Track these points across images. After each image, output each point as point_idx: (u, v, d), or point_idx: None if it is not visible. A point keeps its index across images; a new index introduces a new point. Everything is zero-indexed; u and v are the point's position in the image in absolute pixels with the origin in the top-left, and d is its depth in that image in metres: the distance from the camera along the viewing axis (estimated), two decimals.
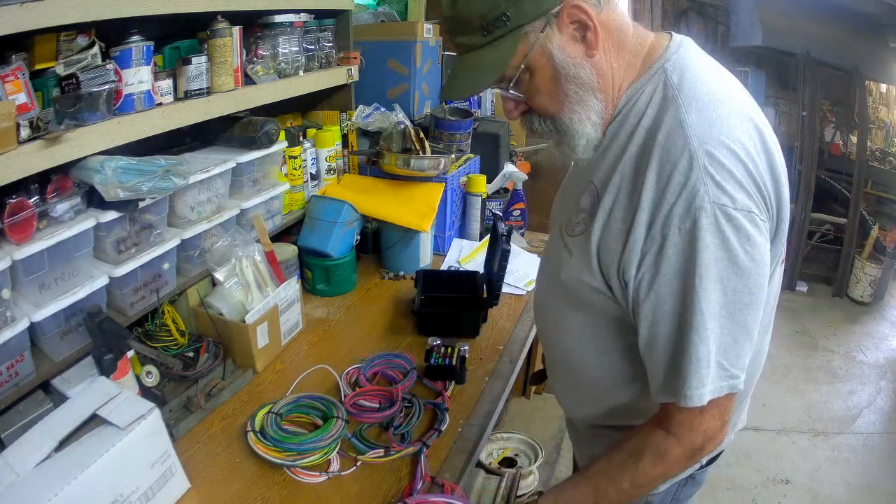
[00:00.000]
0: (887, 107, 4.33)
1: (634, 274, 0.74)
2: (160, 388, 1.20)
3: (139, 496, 0.91)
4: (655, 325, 0.75)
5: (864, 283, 3.83)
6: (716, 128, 0.70)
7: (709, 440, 0.77)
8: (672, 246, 0.70)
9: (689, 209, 0.68)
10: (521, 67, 0.76)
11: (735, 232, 0.68)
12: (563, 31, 0.74)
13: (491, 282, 1.53)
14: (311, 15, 1.66)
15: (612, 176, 0.77)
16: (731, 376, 0.73)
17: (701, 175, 0.67)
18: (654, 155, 0.71)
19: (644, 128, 0.75)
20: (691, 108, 0.71)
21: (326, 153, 1.84)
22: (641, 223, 0.71)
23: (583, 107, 0.78)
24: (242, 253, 1.40)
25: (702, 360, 0.71)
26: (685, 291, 0.70)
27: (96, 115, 1.05)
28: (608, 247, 0.77)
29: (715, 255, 0.68)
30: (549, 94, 0.78)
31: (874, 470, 2.47)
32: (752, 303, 0.71)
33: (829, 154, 4.19)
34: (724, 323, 0.71)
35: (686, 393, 0.72)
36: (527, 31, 0.74)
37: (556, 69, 0.76)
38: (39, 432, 0.89)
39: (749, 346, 0.73)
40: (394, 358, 1.34)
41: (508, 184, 2.22)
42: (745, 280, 0.70)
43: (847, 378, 3.10)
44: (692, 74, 0.75)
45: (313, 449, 1.05)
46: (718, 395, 0.73)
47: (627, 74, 0.79)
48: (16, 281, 1.02)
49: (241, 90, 1.42)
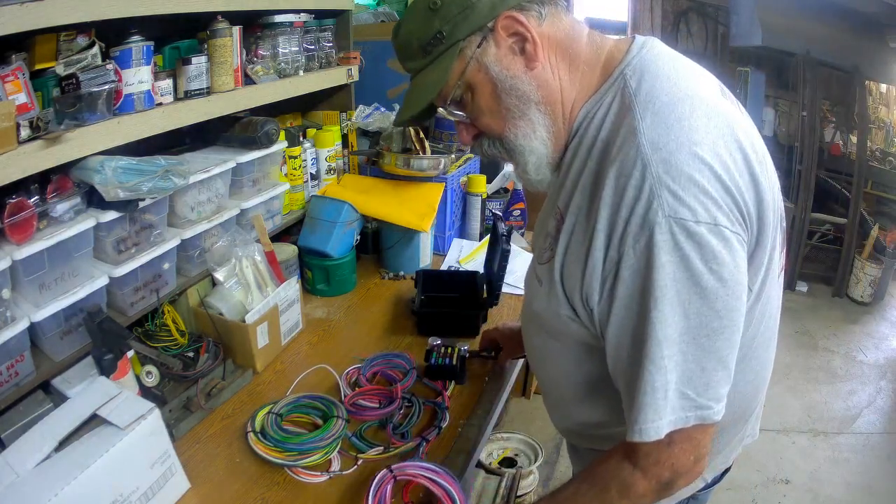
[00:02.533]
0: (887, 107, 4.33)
1: (598, 300, 0.70)
2: (160, 388, 1.20)
3: (139, 496, 0.91)
4: (617, 351, 0.70)
5: (864, 283, 3.83)
6: (674, 130, 0.64)
7: (678, 475, 0.70)
8: (627, 268, 0.65)
9: (644, 225, 0.62)
10: (459, 84, 0.75)
11: (697, 249, 0.61)
12: (501, 44, 0.72)
13: (491, 282, 1.53)
14: (311, 15, 1.66)
15: (573, 196, 0.73)
16: (699, 406, 0.66)
17: (654, 186, 0.62)
18: (609, 171, 0.66)
19: (602, 140, 0.70)
20: (646, 112, 0.66)
21: (326, 153, 1.84)
22: (599, 246, 0.67)
23: (525, 121, 0.75)
24: (242, 253, 1.40)
25: (658, 391, 0.65)
26: (640, 317, 0.65)
27: (96, 115, 1.05)
28: (570, 273, 0.72)
29: (672, 275, 0.62)
30: (491, 111, 0.76)
31: (874, 470, 2.47)
32: (722, 328, 0.65)
33: (829, 154, 4.19)
34: (687, 350, 0.64)
35: (641, 427, 0.66)
36: (462, 48, 0.73)
37: (494, 83, 0.74)
38: (39, 432, 0.89)
39: (723, 373, 0.67)
40: (393, 358, 1.34)
41: (508, 184, 2.22)
42: (711, 302, 0.63)
43: (847, 378, 3.10)
44: (652, 76, 0.69)
45: (314, 449, 1.05)
46: (683, 426, 0.67)
47: (584, 87, 0.75)
48: (16, 281, 1.02)
49: (241, 90, 1.42)
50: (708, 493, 0.97)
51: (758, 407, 0.97)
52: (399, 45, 0.79)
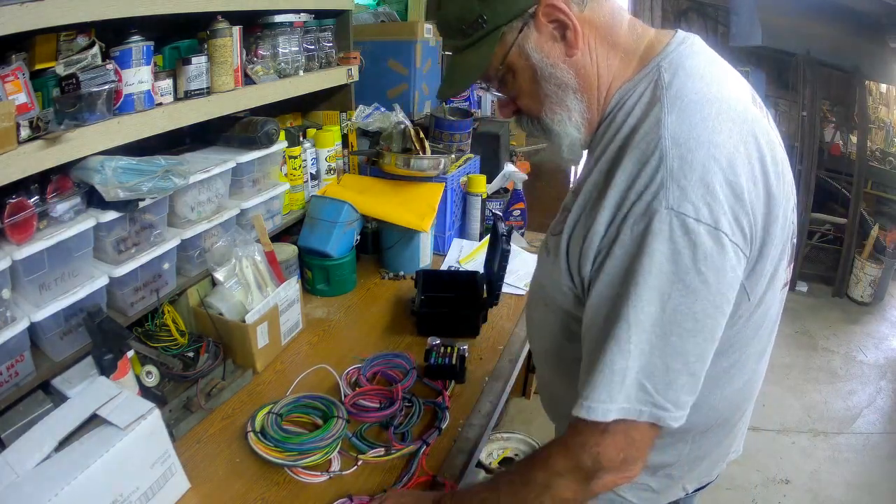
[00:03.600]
0: (887, 107, 4.33)
1: (588, 272, 0.70)
2: (160, 388, 1.20)
3: (139, 496, 0.91)
4: (587, 328, 0.70)
5: (864, 283, 3.83)
6: (696, 129, 0.64)
7: (601, 468, 0.68)
8: (620, 245, 0.65)
9: (646, 210, 0.63)
10: (501, 68, 0.76)
11: (690, 246, 0.62)
12: (542, 30, 0.73)
13: (491, 282, 1.53)
14: (311, 15, 1.66)
15: (590, 175, 0.74)
16: (657, 405, 0.65)
17: (665, 178, 0.62)
18: (627, 155, 0.67)
19: (628, 126, 0.71)
20: (674, 107, 0.67)
21: (326, 153, 1.84)
22: (603, 220, 0.68)
23: (562, 107, 0.77)
24: (242, 253, 1.40)
25: (616, 374, 0.65)
26: (618, 296, 0.65)
27: (96, 115, 1.05)
28: (574, 244, 0.73)
29: (659, 265, 0.62)
30: (530, 94, 0.78)
31: (874, 470, 2.47)
32: (695, 330, 0.64)
33: (829, 154, 4.19)
34: (656, 343, 0.64)
35: (591, 405, 0.65)
36: (504, 33, 0.73)
37: (534, 69, 0.75)
38: (39, 432, 0.89)
39: (688, 379, 0.66)
40: (393, 358, 1.34)
41: (508, 184, 2.22)
42: (691, 302, 0.63)
43: (847, 378, 3.10)
44: (686, 73, 0.70)
45: (314, 449, 1.05)
46: (634, 419, 0.65)
47: (620, 73, 0.75)
48: (16, 281, 1.02)
49: (241, 90, 1.42)
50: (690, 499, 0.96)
51: (743, 420, 0.96)
52: (439, 22, 0.80)
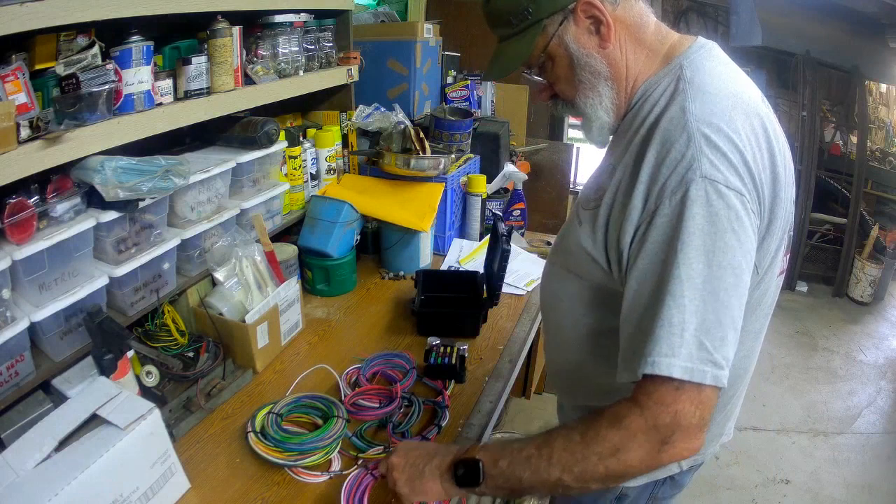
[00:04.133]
0: (887, 107, 4.33)
1: (628, 243, 0.75)
2: (160, 388, 1.20)
3: (139, 496, 0.91)
4: (636, 295, 0.73)
5: (864, 283, 3.83)
6: (716, 116, 0.73)
7: (678, 427, 0.68)
8: (661, 216, 0.71)
9: (682, 181, 0.70)
10: (542, 55, 0.86)
11: (725, 208, 0.69)
12: (580, 24, 0.82)
13: (491, 282, 1.53)
14: (311, 15, 1.66)
15: (623, 157, 0.81)
16: (715, 363, 0.68)
17: (696, 153, 0.70)
18: (655, 137, 0.75)
19: (653, 116, 0.78)
20: (696, 98, 0.75)
21: (326, 153, 1.84)
22: (639, 196, 0.74)
23: (595, 93, 0.85)
24: (242, 253, 1.40)
25: (675, 327, 0.68)
26: (667, 259, 0.70)
27: (96, 115, 1.05)
28: (613, 219, 0.79)
29: (701, 226, 0.69)
30: (567, 80, 0.87)
31: (874, 470, 2.47)
32: (737, 284, 0.70)
33: (829, 154, 4.19)
34: (708, 299, 0.68)
35: (654, 359, 0.68)
36: (546, 25, 0.83)
37: (571, 58, 0.84)
38: (39, 432, 0.89)
39: (733, 335, 0.70)
40: (393, 357, 1.35)
41: (508, 184, 2.22)
42: (731, 258, 0.69)
43: (847, 378, 3.10)
44: (705, 72, 0.78)
45: (314, 449, 1.05)
46: (699, 381, 0.67)
47: (645, 68, 0.84)
48: (16, 281, 1.02)
49: (241, 90, 1.42)
50: (685, 475, 1.00)
51: (737, 398, 0.99)
52: (488, 13, 0.89)
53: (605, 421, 0.72)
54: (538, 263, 1.89)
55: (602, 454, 0.71)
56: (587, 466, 0.71)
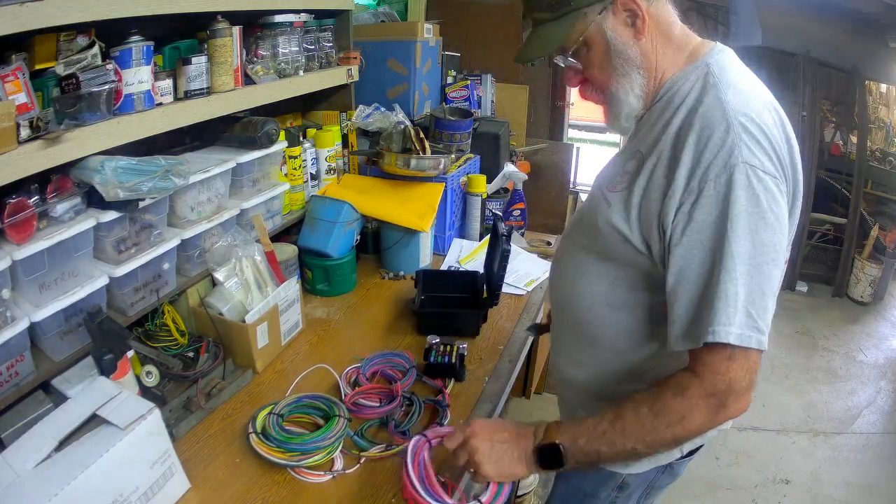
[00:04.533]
0: (887, 107, 4.33)
1: (671, 221, 0.80)
2: (160, 388, 1.20)
3: (139, 496, 0.91)
4: (685, 269, 0.80)
5: (864, 283, 3.83)
6: (749, 107, 0.80)
7: (731, 391, 0.77)
8: (707, 196, 0.77)
9: (726, 166, 0.76)
10: (579, 41, 0.90)
11: (764, 191, 0.76)
12: (617, 15, 0.88)
13: (491, 282, 1.53)
14: (311, 15, 1.66)
15: (656, 144, 0.86)
16: (759, 329, 0.76)
17: (736, 139, 0.77)
18: (694, 123, 0.81)
19: (686, 107, 0.85)
20: (729, 90, 0.82)
21: (326, 153, 1.84)
22: (681, 177, 0.79)
23: (627, 80, 0.90)
24: (242, 253, 1.40)
25: (730, 299, 0.75)
26: (717, 236, 0.77)
27: (96, 115, 1.05)
28: (649, 200, 0.84)
29: (746, 207, 0.75)
30: (601, 66, 0.92)
31: (874, 470, 2.47)
32: (776, 259, 0.77)
33: (829, 154, 4.19)
34: (752, 272, 0.75)
35: (715, 329, 0.75)
36: (586, 13, 0.88)
37: (608, 45, 0.89)
38: (39, 432, 0.89)
39: (772, 304, 0.78)
40: (393, 357, 1.35)
41: (508, 184, 2.22)
42: (771, 235, 0.76)
43: (847, 378, 3.10)
44: (730, 72, 0.86)
45: (316, 448, 1.05)
46: (746, 346, 0.75)
47: (671, 64, 0.90)
48: (16, 281, 1.02)
49: (241, 90, 1.42)
50: (682, 464, 1.04)
51: None
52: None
53: (669, 392, 0.80)
54: (538, 263, 1.89)
55: (670, 422, 0.80)
56: (657, 435, 0.81)
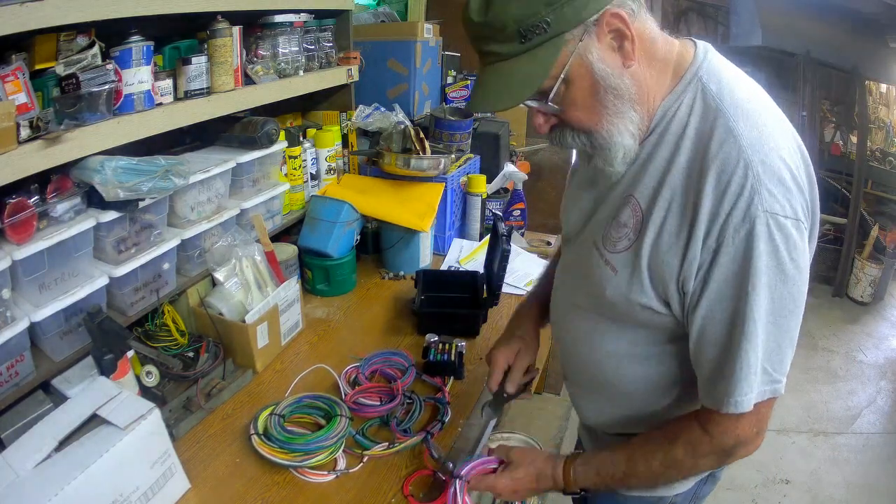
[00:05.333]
0: (887, 107, 4.33)
1: (692, 283, 0.74)
2: (160, 388, 1.20)
3: (139, 496, 0.91)
4: (705, 333, 0.75)
5: (864, 283, 3.83)
6: (764, 135, 0.70)
7: (740, 444, 0.78)
8: (726, 254, 0.70)
9: (745, 218, 0.68)
10: (559, 78, 0.72)
11: (784, 240, 0.69)
12: (602, 40, 0.71)
13: (491, 282, 1.53)
14: (311, 15, 1.66)
15: (660, 190, 0.75)
16: (775, 381, 0.74)
17: (755, 183, 0.68)
18: (710, 167, 0.70)
19: (689, 139, 0.74)
20: (738, 116, 0.71)
21: (326, 153, 1.84)
22: (700, 234, 0.71)
23: (620, 118, 0.75)
24: (242, 253, 1.40)
25: (751, 367, 0.72)
26: (737, 298, 0.71)
27: (96, 115, 1.05)
28: (663, 261, 0.75)
29: (766, 262, 0.69)
30: (587, 106, 0.75)
31: (874, 470, 2.47)
32: (795, 309, 0.72)
33: (829, 154, 4.20)
34: (770, 329, 0.71)
35: (737, 399, 0.73)
36: (567, 40, 0.70)
37: (596, 80, 0.72)
38: (39, 432, 0.89)
39: (791, 350, 0.74)
40: (392, 356, 1.35)
41: (508, 184, 2.22)
42: (790, 287, 0.70)
43: (847, 378, 3.10)
44: (727, 82, 0.75)
45: (319, 448, 1.05)
46: (761, 399, 0.74)
47: (660, 85, 0.77)
48: (16, 281, 1.02)
49: (241, 90, 1.42)
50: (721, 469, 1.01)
51: None
52: (487, 25, 0.71)
53: (680, 448, 0.81)
54: (538, 263, 1.89)
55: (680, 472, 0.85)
56: (667, 480, 0.88)
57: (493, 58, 0.73)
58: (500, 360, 1.06)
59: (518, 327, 1.12)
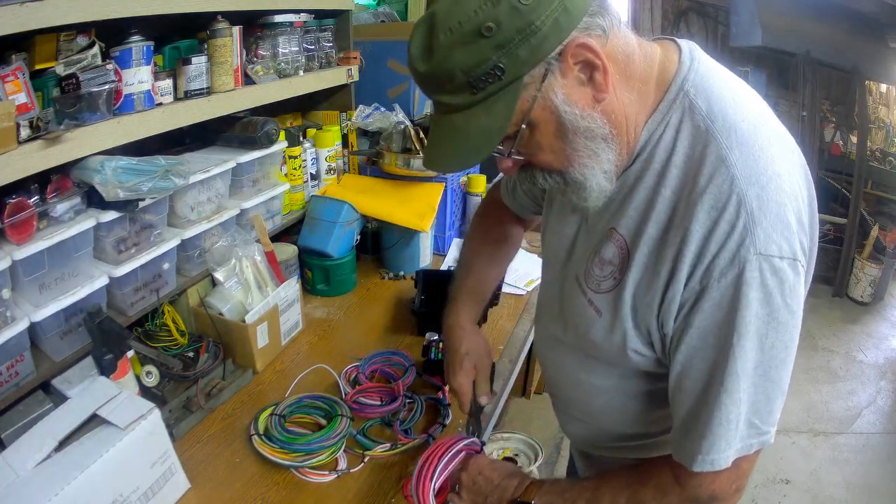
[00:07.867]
0: (887, 107, 4.33)
1: (672, 325, 0.68)
2: (160, 388, 1.20)
3: (139, 496, 0.91)
4: (682, 379, 0.69)
5: (864, 283, 3.83)
6: (760, 162, 0.63)
7: (715, 500, 0.71)
8: (709, 299, 0.63)
9: (733, 261, 0.61)
10: (521, 127, 0.65)
11: (779, 284, 0.62)
12: (567, 75, 0.62)
13: None
14: (311, 15, 1.66)
15: (643, 227, 0.69)
16: (762, 433, 0.68)
17: (748, 223, 0.61)
18: (698, 202, 0.63)
19: (676, 167, 0.66)
20: (731, 141, 0.63)
21: (326, 153, 1.84)
22: (682, 276, 0.65)
23: (592, 159, 0.67)
24: (242, 253, 1.40)
25: (731, 423, 0.66)
26: (720, 349, 0.64)
27: (96, 115, 1.05)
28: (645, 302, 0.70)
29: (756, 311, 0.62)
30: (555, 150, 0.68)
31: (874, 470, 2.47)
32: (787, 357, 0.66)
33: (829, 154, 4.20)
34: (758, 382, 0.65)
35: (714, 458, 0.67)
36: (526, 84, 0.62)
37: (563, 123, 0.64)
38: (39, 432, 0.89)
39: (782, 398, 0.69)
40: (392, 355, 1.35)
41: None
42: (783, 334, 0.64)
43: (847, 378, 3.10)
44: (717, 97, 0.67)
45: (321, 448, 1.05)
46: (746, 453, 0.69)
47: (643, 105, 0.68)
48: (16, 281, 1.02)
49: (241, 90, 1.42)
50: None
51: None
52: (430, 74, 0.64)
53: (649, 492, 0.74)
54: (538, 263, 1.88)
55: None
56: None
57: (445, 108, 0.66)
58: (464, 384, 1.02)
59: (460, 345, 1.05)
